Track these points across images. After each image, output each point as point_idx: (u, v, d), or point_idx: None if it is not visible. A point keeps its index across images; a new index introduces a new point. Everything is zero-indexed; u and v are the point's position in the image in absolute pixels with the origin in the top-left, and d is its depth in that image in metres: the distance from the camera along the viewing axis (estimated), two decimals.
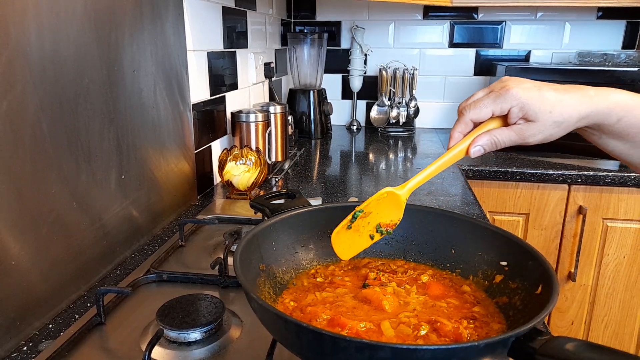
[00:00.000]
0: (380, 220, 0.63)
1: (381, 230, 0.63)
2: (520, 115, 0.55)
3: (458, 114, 0.59)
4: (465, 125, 0.57)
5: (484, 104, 0.56)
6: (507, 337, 0.41)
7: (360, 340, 0.42)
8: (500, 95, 0.55)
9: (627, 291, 1.59)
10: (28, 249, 0.66)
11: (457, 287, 0.63)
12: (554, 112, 0.54)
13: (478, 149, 0.57)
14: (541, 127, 0.55)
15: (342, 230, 0.63)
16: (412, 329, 0.53)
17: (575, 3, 1.72)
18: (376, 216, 0.62)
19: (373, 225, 0.63)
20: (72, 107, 0.73)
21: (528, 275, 0.56)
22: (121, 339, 0.65)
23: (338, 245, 0.63)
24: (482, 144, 0.57)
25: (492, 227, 0.64)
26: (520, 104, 0.54)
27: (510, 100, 0.55)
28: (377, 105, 2.08)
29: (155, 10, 0.96)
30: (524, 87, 0.55)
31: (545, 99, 0.54)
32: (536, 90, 0.54)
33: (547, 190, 1.54)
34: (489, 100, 0.56)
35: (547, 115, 0.54)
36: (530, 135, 0.56)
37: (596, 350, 0.39)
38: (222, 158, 1.21)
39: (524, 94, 0.54)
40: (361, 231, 0.63)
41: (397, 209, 0.62)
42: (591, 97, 0.55)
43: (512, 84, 0.55)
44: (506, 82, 0.56)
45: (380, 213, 0.62)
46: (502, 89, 0.55)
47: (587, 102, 0.55)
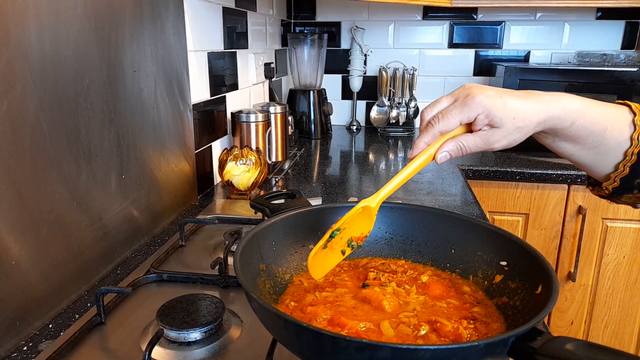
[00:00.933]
0: (352, 234, 0.63)
1: (352, 244, 0.63)
2: (485, 122, 0.57)
3: (423, 124, 0.59)
4: (433, 136, 0.58)
5: (452, 115, 0.57)
6: (507, 337, 0.42)
7: (360, 340, 0.42)
8: (466, 104, 0.56)
9: (627, 291, 1.59)
10: (28, 249, 0.66)
11: (457, 287, 0.63)
12: (517, 118, 0.56)
13: (444, 155, 0.58)
14: (505, 132, 0.57)
15: (318, 252, 0.61)
16: (412, 329, 0.53)
17: (574, 3, 1.72)
18: (349, 231, 0.62)
19: (345, 240, 0.63)
20: (72, 107, 0.73)
21: (528, 275, 0.56)
22: (121, 339, 0.65)
23: (313, 266, 0.61)
24: (448, 150, 0.58)
25: (491, 227, 0.64)
26: (485, 111, 0.56)
27: (477, 108, 0.56)
28: (377, 106, 2.08)
29: (155, 11, 0.96)
30: (487, 94, 0.56)
31: (508, 106, 0.56)
32: (499, 97, 0.56)
33: (547, 190, 1.54)
34: (456, 110, 0.57)
35: (511, 122, 0.56)
36: (495, 140, 0.57)
37: (596, 350, 0.39)
38: (222, 158, 1.21)
39: (489, 102, 0.56)
40: (334, 248, 0.62)
41: (369, 221, 0.63)
42: (547, 102, 0.57)
43: (476, 91, 0.57)
44: (469, 89, 0.58)
45: (353, 227, 0.62)
46: (468, 97, 0.57)
47: (544, 108, 0.57)
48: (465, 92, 0.58)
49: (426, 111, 0.60)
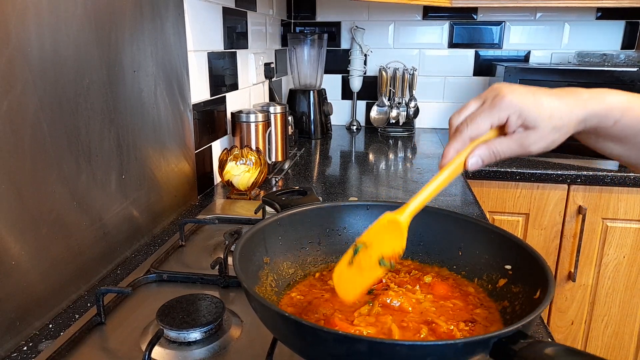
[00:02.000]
0: (382, 251, 0.56)
1: (384, 263, 0.56)
2: (519, 123, 0.52)
3: (452, 130, 0.55)
4: (463, 143, 0.54)
5: (481, 118, 0.53)
6: (488, 337, 0.42)
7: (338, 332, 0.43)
8: (495, 105, 0.52)
9: (627, 291, 1.59)
10: (28, 249, 0.66)
11: (462, 288, 0.63)
12: (554, 117, 0.51)
13: (476, 160, 0.53)
14: (541, 133, 0.52)
15: (343, 268, 0.56)
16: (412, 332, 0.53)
17: (574, 3, 1.72)
18: (378, 247, 0.56)
19: (374, 258, 0.56)
20: (72, 107, 0.73)
21: (529, 280, 0.56)
22: (121, 339, 0.65)
23: (340, 285, 0.56)
24: (480, 155, 0.53)
25: (498, 230, 0.64)
26: (517, 111, 0.51)
27: (507, 109, 0.51)
28: (377, 106, 2.08)
29: (155, 11, 0.96)
30: (518, 93, 0.52)
31: (542, 104, 0.52)
32: (531, 95, 0.52)
33: (547, 190, 1.54)
34: (485, 113, 0.53)
35: (547, 121, 0.51)
36: (531, 143, 0.52)
37: (575, 356, 0.39)
38: (222, 158, 1.21)
39: (520, 101, 0.51)
40: (363, 266, 0.56)
41: (399, 237, 0.56)
42: (585, 100, 0.53)
43: (505, 91, 0.52)
44: (498, 89, 0.53)
45: (382, 243, 0.56)
46: (496, 98, 0.52)
47: (583, 105, 0.52)
48: (493, 92, 0.53)
49: (454, 117, 0.55)
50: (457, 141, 0.54)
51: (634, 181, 1.47)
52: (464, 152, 0.54)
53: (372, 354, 0.41)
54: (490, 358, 0.43)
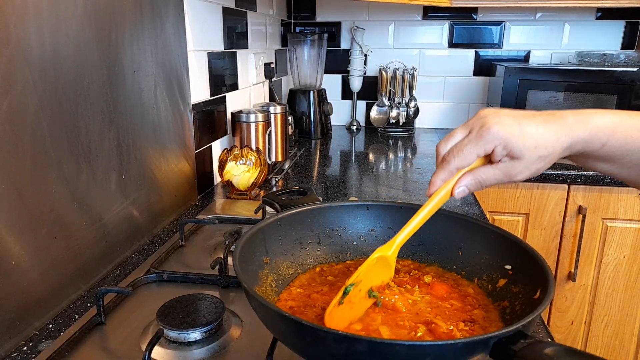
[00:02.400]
0: (372, 284, 0.59)
1: (374, 294, 0.59)
2: (504, 154, 0.53)
3: (439, 159, 0.56)
4: (450, 173, 0.55)
5: (468, 150, 0.53)
6: (488, 337, 0.42)
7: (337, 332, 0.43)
8: (481, 137, 0.52)
9: (627, 291, 1.59)
10: (28, 249, 0.66)
11: (461, 288, 0.63)
12: (539, 147, 0.52)
13: (462, 190, 0.55)
14: (527, 163, 0.53)
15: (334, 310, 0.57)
16: (407, 331, 0.53)
17: (574, 3, 1.72)
18: (367, 282, 0.58)
19: (364, 291, 0.58)
20: (72, 107, 0.73)
21: (529, 280, 0.56)
22: (121, 339, 0.65)
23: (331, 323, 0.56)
24: (466, 185, 0.55)
25: (499, 230, 0.64)
26: (503, 142, 0.52)
27: (493, 140, 0.52)
28: (377, 106, 2.08)
29: (155, 11, 0.96)
30: (504, 123, 0.52)
31: (527, 134, 0.52)
32: (517, 125, 0.52)
33: (547, 190, 1.54)
34: (471, 144, 0.53)
35: (532, 151, 0.52)
36: (517, 172, 0.53)
37: (575, 356, 0.39)
38: (222, 158, 1.21)
39: (506, 132, 0.52)
40: (353, 301, 0.57)
41: (387, 269, 0.59)
42: (571, 125, 0.53)
43: (491, 120, 0.53)
44: (484, 118, 0.53)
45: (371, 277, 0.59)
46: (482, 129, 0.53)
47: (568, 132, 0.52)
48: (480, 122, 0.53)
49: (441, 145, 0.56)
50: (444, 171, 0.55)
51: None
52: (451, 181, 0.55)
53: (371, 353, 0.41)
54: (490, 358, 0.43)
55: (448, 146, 0.56)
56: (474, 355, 0.42)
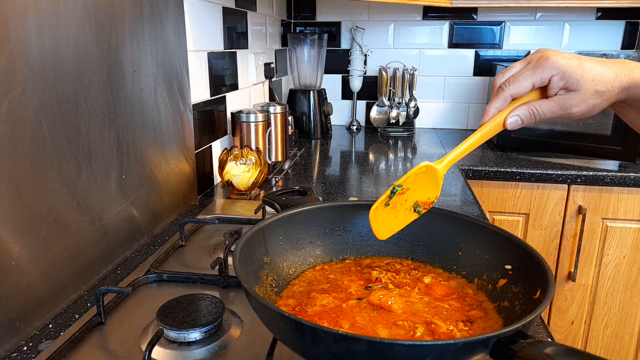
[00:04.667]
0: (418, 198, 0.61)
1: (418, 209, 0.62)
2: (561, 85, 0.53)
3: (494, 90, 0.56)
4: (504, 100, 0.55)
5: (524, 77, 0.54)
6: (488, 337, 0.42)
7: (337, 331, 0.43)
8: (539, 65, 0.53)
9: (627, 291, 1.59)
10: (28, 249, 0.66)
11: (461, 289, 0.63)
12: (596, 81, 0.52)
13: (515, 120, 0.55)
14: (583, 96, 0.52)
15: (380, 207, 0.61)
16: (406, 331, 0.53)
17: (574, 3, 1.72)
18: (413, 193, 0.61)
19: (410, 203, 0.61)
20: (72, 107, 0.73)
21: (529, 280, 0.56)
22: (121, 339, 0.65)
23: (375, 223, 0.61)
24: (519, 114, 0.54)
25: (499, 230, 0.64)
26: (560, 72, 0.52)
27: (550, 69, 0.52)
28: (377, 106, 2.08)
29: (155, 11, 0.96)
30: (563, 56, 0.53)
31: (586, 67, 0.52)
32: (576, 59, 0.53)
33: (547, 190, 1.54)
34: (528, 72, 0.54)
35: (590, 84, 0.52)
36: (572, 105, 0.53)
37: (575, 356, 0.39)
38: (222, 158, 1.21)
39: (564, 62, 0.52)
40: (398, 209, 0.61)
41: (435, 186, 0.60)
42: (632, 69, 0.53)
43: (551, 52, 0.53)
44: (544, 51, 0.54)
45: (418, 190, 0.60)
46: (541, 59, 0.53)
47: (628, 73, 0.53)
48: (539, 54, 0.54)
49: (498, 77, 0.57)
50: (499, 99, 0.55)
51: (634, 181, 1.47)
52: (505, 111, 0.55)
53: (371, 353, 0.41)
54: (490, 358, 0.43)
55: (505, 77, 0.56)
56: (474, 355, 0.42)
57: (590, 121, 1.62)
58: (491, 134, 0.56)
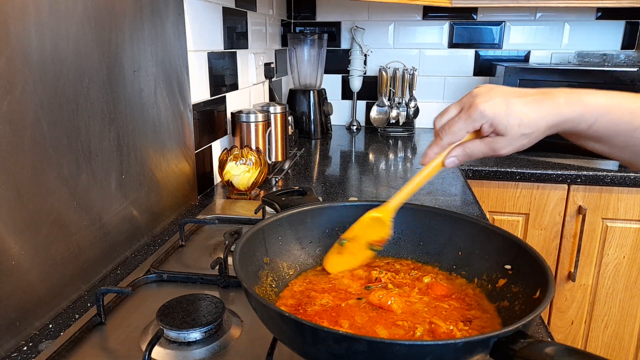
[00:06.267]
0: (370, 239, 0.67)
1: (373, 248, 0.67)
2: (490, 130, 0.57)
3: (435, 134, 0.62)
4: (442, 147, 0.60)
5: (458, 128, 0.58)
6: (488, 337, 0.42)
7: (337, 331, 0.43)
8: (469, 116, 0.57)
9: (627, 291, 1.59)
10: (28, 249, 0.66)
11: (461, 289, 0.63)
12: (522, 125, 0.55)
13: (452, 160, 0.60)
14: (510, 139, 0.57)
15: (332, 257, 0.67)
16: (406, 330, 0.53)
17: (574, 3, 1.72)
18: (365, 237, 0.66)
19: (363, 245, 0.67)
20: (72, 107, 0.73)
21: (529, 279, 0.56)
22: (121, 339, 0.65)
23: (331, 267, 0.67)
24: (456, 156, 0.60)
25: (498, 230, 0.64)
26: (489, 120, 0.56)
27: (480, 119, 0.56)
28: (377, 106, 2.08)
29: (155, 11, 0.96)
30: (492, 103, 0.56)
31: (513, 113, 0.55)
32: (504, 105, 0.56)
33: (547, 190, 1.54)
34: (461, 122, 0.58)
35: (516, 129, 0.56)
36: (500, 147, 0.58)
37: (575, 355, 0.39)
38: (222, 158, 1.21)
39: (492, 111, 0.56)
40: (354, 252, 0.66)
41: (383, 227, 0.66)
42: (560, 105, 0.55)
43: (479, 100, 0.57)
44: (475, 97, 0.58)
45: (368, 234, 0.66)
46: (471, 108, 0.57)
47: (555, 112, 0.55)
48: (470, 100, 0.58)
49: (437, 119, 0.62)
50: (437, 146, 0.61)
51: (634, 181, 1.47)
52: (443, 153, 0.61)
53: (371, 353, 0.41)
54: (490, 358, 0.43)
55: (442, 122, 0.61)
56: (474, 355, 0.42)
57: None
58: (432, 174, 0.62)
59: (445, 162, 0.61)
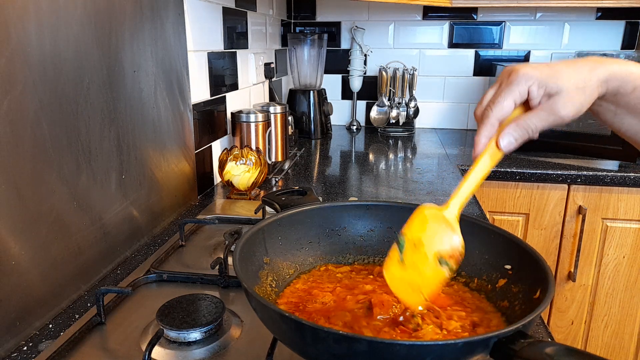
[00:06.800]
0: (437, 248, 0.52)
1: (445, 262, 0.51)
2: (541, 93, 0.51)
3: (478, 120, 0.54)
4: (492, 127, 0.52)
5: (503, 98, 0.51)
6: (488, 337, 0.41)
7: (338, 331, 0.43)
8: (512, 81, 0.52)
9: (627, 291, 1.59)
10: (28, 249, 0.66)
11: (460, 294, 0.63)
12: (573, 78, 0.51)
13: (508, 140, 0.52)
14: (567, 96, 0.51)
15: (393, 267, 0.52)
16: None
17: (574, 3, 1.72)
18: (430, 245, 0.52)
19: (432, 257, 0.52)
20: (72, 107, 0.73)
21: (529, 279, 0.56)
22: (121, 339, 0.65)
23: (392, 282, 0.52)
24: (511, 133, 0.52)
25: (499, 230, 0.64)
26: (536, 80, 0.51)
27: (526, 81, 0.51)
28: (377, 106, 2.08)
29: (155, 11, 0.96)
30: (532, 66, 0.52)
31: (559, 69, 0.51)
32: (546, 67, 0.52)
33: (547, 190, 1.54)
34: (505, 91, 0.52)
35: (568, 83, 0.51)
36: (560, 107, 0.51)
37: (575, 355, 0.39)
38: (222, 158, 1.21)
39: (536, 71, 0.51)
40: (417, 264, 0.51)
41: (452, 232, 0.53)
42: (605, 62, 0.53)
43: (518, 66, 0.53)
44: (511, 68, 0.53)
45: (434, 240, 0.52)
46: (512, 75, 0.52)
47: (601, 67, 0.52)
48: (507, 72, 0.53)
49: (477, 108, 0.55)
50: (486, 126, 0.52)
51: (634, 181, 1.47)
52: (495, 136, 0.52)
53: (371, 353, 0.41)
54: (490, 358, 0.43)
55: (483, 104, 0.54)
56: (474, 355, 0.42)
57: (590, 121, 1.62)
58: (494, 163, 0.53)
59: (500, 145, 0.51)
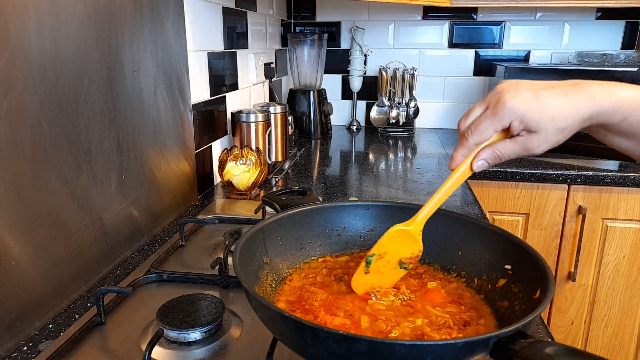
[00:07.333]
0: (400, 256, 0.61)
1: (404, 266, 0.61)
2: (521, 128, 0.53)
3: (460, 134, 0.57)
4: (469, 149, 0.56)
5: (485, 126, 0.54)
6: (488, 337, 0.42)
7: (338, 331, 0.43)
8: (497, 112, 0.53)
9: (627, 291, 1.59)
10: (28, 249, 0.66)
11: (459, 292, 0.63)
12: (556, 119, 0.51)
13: (481, 163, 0.56)
14: (545, 136, 0.52)
15: (359, 277, 0.60)
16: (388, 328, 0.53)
17: (574, 3, 1.72)
18: (394, 254, 0.61)
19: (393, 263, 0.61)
20: (72, 107, 0.73)
21: (529, 280, 0.56)
22: (121, 339, 0.65)
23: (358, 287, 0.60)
24: (485, 158, 0.55)
25: (498, 230, 0.64)
26: (519, 117, 0.52)
27: (509, 115, 0.52)
28: (377, 106, 2.08)
29: (155, 11, 0.96)
30: (520, 97, 0.52)
31: (545, 107, 0.51)
32: (534, 99, 0.51)
33: (547, 190, 1.54)
34: (488, 120, 0.54)
35: (550, 124, 0.51)
36: (534, 146, 0.53)
37: (575, 355, 0.39)
38: (222, 158, 1.21)
39: (522, 106, 0.51)
40: (382, 272, 0.61)
41: (414, 242, 0.61)
42: (594, 95, 0.52)
43: (507, 96, 0.52)
44: (501, 93, 0.53)
45: (398, 250, 0.61)
46: (498, 104, 0.53)
47: (590, 103, 0.52)
48: (496, 97, 0.53)
49: (461, 121, 0.57)
50: (464, 147, 0.56)
51: (634, 181, 1.47)
52: (471, 156, 0.56)
53: (372, 353, 0.41)
54: (490, 358, 0.43)
55: (467, 122, 0.56)
56: (474, 355, 0.42)
57: None
58: (462, 179, 0.57)
59: (473, 166, 0.56)
